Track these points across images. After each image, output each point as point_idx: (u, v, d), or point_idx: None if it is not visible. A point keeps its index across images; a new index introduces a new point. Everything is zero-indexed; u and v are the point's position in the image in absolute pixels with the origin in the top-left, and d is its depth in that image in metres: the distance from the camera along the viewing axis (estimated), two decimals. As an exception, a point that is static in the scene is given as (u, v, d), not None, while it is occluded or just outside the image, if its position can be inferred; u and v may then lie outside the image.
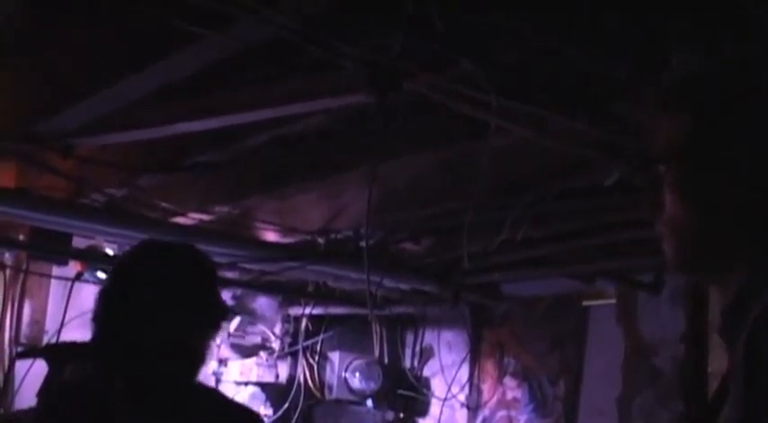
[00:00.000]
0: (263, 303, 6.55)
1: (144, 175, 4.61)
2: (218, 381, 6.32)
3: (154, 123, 3.77)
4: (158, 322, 2.47)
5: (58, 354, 2.44)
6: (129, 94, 3.49)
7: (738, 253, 1.43)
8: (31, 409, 2.47)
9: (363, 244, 4.49)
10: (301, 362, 6.61)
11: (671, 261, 1.51)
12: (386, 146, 3.58)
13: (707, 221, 1.44)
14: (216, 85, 3.48)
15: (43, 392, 2.38)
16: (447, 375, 6.41)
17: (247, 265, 5.24)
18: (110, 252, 5.33)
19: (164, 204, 5.01)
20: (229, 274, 5.43)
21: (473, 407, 6.35)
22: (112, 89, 3.44)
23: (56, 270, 5.77)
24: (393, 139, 3.61)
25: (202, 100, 3.58)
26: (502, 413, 6.15)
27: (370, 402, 6.57)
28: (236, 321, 6.37)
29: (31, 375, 4.39)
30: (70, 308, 5.20)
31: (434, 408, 6.60)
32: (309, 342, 6.65)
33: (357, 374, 6.48)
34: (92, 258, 5.34)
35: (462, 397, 6.39)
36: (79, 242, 5.26)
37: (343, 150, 4.03)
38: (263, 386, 6.36)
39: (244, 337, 6.50)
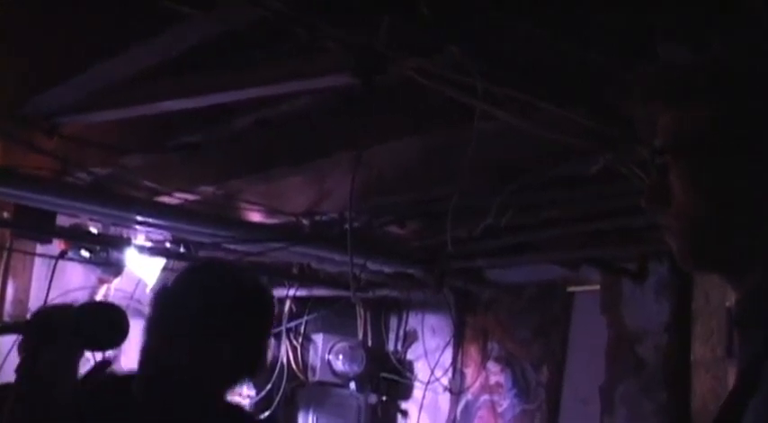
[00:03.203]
0: (247, 284, 6.53)
1: (129, 154, 4.59)
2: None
3: (139, 102, 3.75)
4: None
5: (38, 330, 2.41)
6: (113, 73, 3.47)
7: (753, 248, 1.41)
8: (9, 385, 2.46)
9: (348, 227, 4.48)
10: (285, 343, 6.60)
11: (680, 255, 1.47)
12: (372, 130, 3.57)
13: (722, 215, 1.41)
14: (201, 66, 3.46)
15: (21, 369, 2.36)
16: (430, 359, 6.41)
17: (232, 246, 5.21)
18: (94, 231, 5.31)
19: (148, 184, 4.98)
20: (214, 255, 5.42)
21: (456, 391, 6.35)
22: (97, 68, 3.43)
23: (39, 248, 5.75)
24: (379, 123, 3.60)
25: (188, 79, 3.56)
26: (485, 398, 6.16)
27: (353, 385, 6.57)
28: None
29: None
30: (54, 287, 5.18)
31: (417, 391, 6.61)
32: (293, 324, 6.64)
33: (340, 357, 6.48)
34: (76, 237, 5.32)
35: (445, 381, 6.40)
36: (63, 221, 5.24)
37: (329, 134, 4.02)
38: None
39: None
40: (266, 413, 6.37)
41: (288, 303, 6.59)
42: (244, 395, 6.30)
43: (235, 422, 2.61)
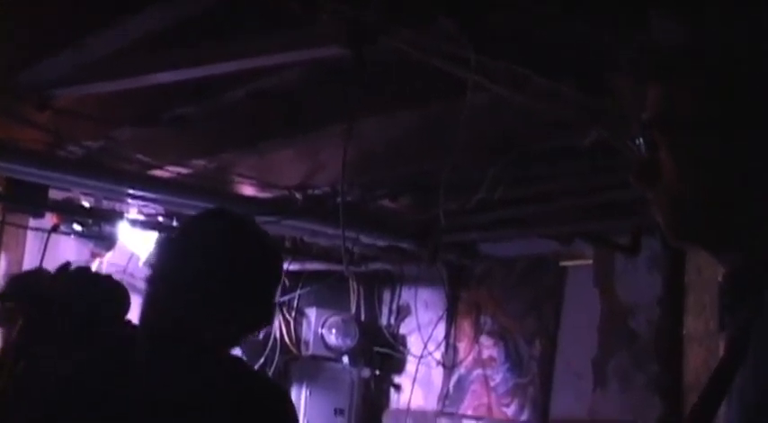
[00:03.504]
0: (240, 259, 6.53)
1: (121, 127, 4.58)
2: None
3: (130, 74, 3.74)
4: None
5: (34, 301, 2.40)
6: (105, 46, 3.46)
7: (740, 226, 1.40)
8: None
9: (340, 200, 4.47)
10: (278, 317, 6.60)
11: (667, 230, 1.47)
12: (364, 103, 3.56)
13: (710, 192, 1.39)
14: (193, 38, 3.45)
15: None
16: (423, 333, 6.42)
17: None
18: (86, 204, 5.31)
19: (141, 157, 4.98)
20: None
21: (449, 365, 6.37)
22: (88, 41, 3.41)
23: (32, 222, 5.74)
24: (372, 96, 3.58)
25: (179, 51, 3.55)
26: (477, 371, 6.17)
27: (346, 359, 6.59)
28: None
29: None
30: (46, 260, 5.17)
31: (410, 365, 6.62)
32: (286, 298, 6.64)
33: (333, 331, 6.49)
34: (68, 210, 5.32)
35: (438, 355, 6.41)
36: (56, 195, 5.23)
37: (321, 107, 4.01)
38: (239, 341, 6.34)
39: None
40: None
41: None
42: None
43: (241, 377, 2.56)
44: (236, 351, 4.80)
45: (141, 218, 5.52)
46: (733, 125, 1.39)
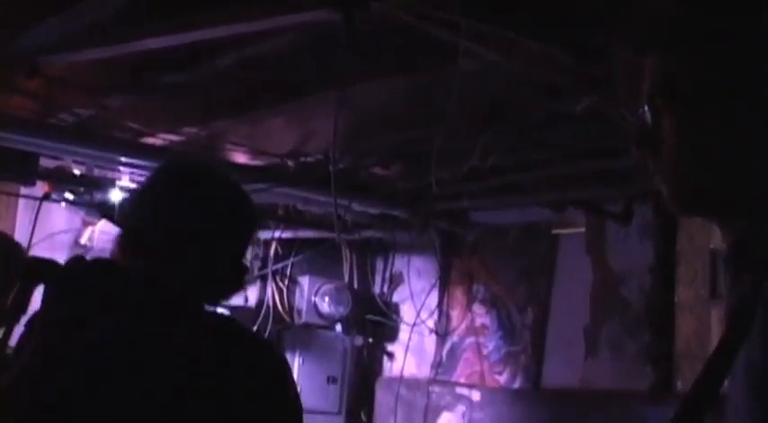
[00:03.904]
0: (232, 227, 6.52)
1: (112, 94, 4.55)
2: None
3: (120, 41, 3.72)
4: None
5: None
6: (94, 12, 3.43)
7: (743, 194, 1.40)
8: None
9: (331, 168, 4.46)
10: (270, 286, 6.60)
11: (670, 200, 1.46)
12: (355, 69, 3.55)
13: (714, 162, 1.39)
14: (183, 3, 3.43)
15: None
16: (416, 302, 6.43)
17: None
18: (77, 173, 5.29)
19: (133, 125, 4.96)
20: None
21: (442, 333, 6.38)
22: (78, 7, 3.39)
23: (23, 191, 5.72)
24: (363, 63, 3.57)
25: (169, 17, 3.52)
26: (470, 340, 6.18)
27: (339, 327, 6.60)
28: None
29: None
30: (38, 229, 5.16)
31: (403, 333, 6.63)
32: (279, 266, 6.64)
33: (326, 299, 6.49)
34: (60, 179, 5.30)
35: (431, 323, 6.42)
36: (47, 163, 5.22)
37: (312, 74, 4.00)
38: (232, 309, 6.33)
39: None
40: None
41: (274, 245, 6.59)
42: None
43: (225, 333, 2.51)
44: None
45: (133, 186, 5.50)
46: (734, 95, 1.38)
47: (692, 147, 1.40)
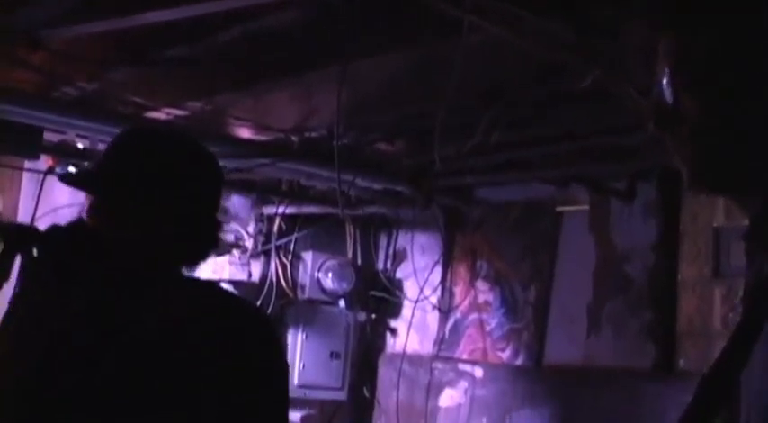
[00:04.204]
0: (236, 202, 6.52)
1: (115, 68, 4.55)
2: (190, 278, 6.30)
3: (123, 13, 3.71)
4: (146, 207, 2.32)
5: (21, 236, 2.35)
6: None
7: (761, 168, 1.39)
8: None
9: (335, 143, 4.46)
10: (274, 261, 6.60)
11: (692, 178, 1.45)
12: (359, 44, 3.53)
13: (738, 140, 1.39)
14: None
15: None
16: (419, 278, 6.43)
17: (221, 163, 5.18)
18: (81, 147, 5.28)
19: (136, 99, 4.95)
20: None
21: (445, 309, 6.38)
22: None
23: (27, 165, 5.72)
24: (367, 37, 3.56)
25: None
26: (473, 316, 6.19)
27: (342, 303, 6.59)
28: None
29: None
30: (42, 204, 5.16)
31: (406, 310, 6.64)
32: (282, 241, 6.63)
33: (330, 275, 6.49)
34: (63, 153, 5.29)
35: (434, 299, 6.42)
36: (50, 137, 5.21)
37: (316, 48, 3.99)
38: (235, 284, 6.35)
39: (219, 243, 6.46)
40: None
41: (277, 221, 6.59)
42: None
43: (204, 297, 2.43)
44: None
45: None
46: (751, 72, 1.37)
47: (712, 123, 1.40)
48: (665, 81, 1.44)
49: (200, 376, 2.29)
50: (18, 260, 2.31)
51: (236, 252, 6.52)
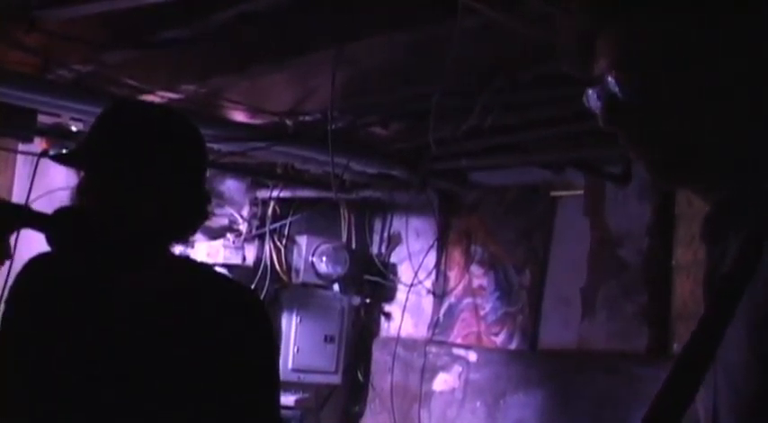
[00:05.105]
0: (231, 186, 6.52)
1: (110, 50, 4.53)
2: (184, 262, 6.30)
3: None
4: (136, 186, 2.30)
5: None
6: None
7: (722, 163, 1.39)
8: None
9: (329, 127, 4.45)
10: (268, 245, 6.60)
11: (652, 172, 1.45)
12: (354, 26, 3.53)
13: (693, 132, 1.38)
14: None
15: None
16: (414, 262, 6.44)
17: (215, 146, 5.18)
18: (75, 129, 5.27)
19: (131, 82, 4.94)
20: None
21: (439, 293, 6.38)
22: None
23: (21, 147, 5.70)
24: (362, 19, 3.55)
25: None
26: (468, 300, 6.19)
27: (336, 287, 6.61)
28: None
29: None
30: (36, 186, 5.13)
31: (401, 294, 6.64)
32: (277, 225, 6.64)
33: (324, 258, 6.49)
34: (57, 135, 5.28)
35: (429, 284, 6.43)
36: (44, 120, 5.19)
37: (311, 30, 3.97)
38: (229, 268, 6.35)
39: (211, 219, 6.47)
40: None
41: (272, 205, 6.59)
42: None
43: (194, 274, 2.47)
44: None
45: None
46: (707, 60, 1.37)
47: (668, 117, 1.39)
48: (611, 75, 1.42)
49: (191, 358, 2.30)
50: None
51: (230, 236, 6.52)
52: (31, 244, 2.39)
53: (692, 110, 1.37)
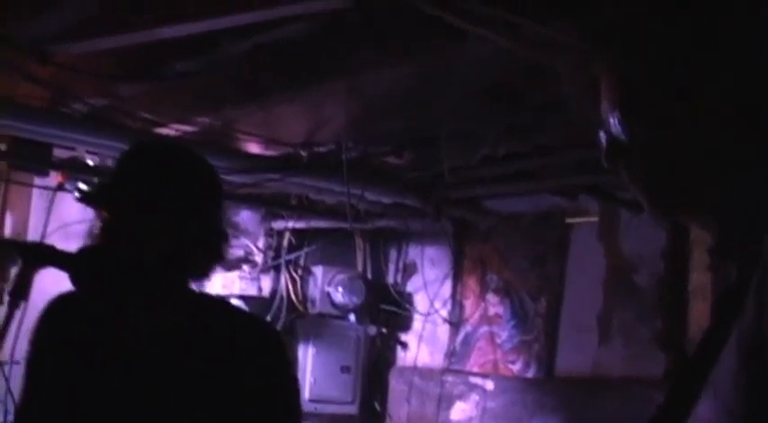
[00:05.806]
0: (245, 217, 6.54)
1: (124, 83, 4.56)
2: (200, 293, 6.31)
3: (133, 29, 3.72)
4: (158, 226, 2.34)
5: (35, 254, 2.38)
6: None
7: (710, 186, 1.41)
8: None
9: (344, 157, 4.47)
10: (284, 275, 6.61)
11: (649, 206, 1.47)
12: (366, 57, 3.54)
13: (692, 166, 1.40)
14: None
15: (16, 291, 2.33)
16: (430, 291, 6.44)
17: (229, 177, 5.20)
18: (90, 163, 5.30)
19: (145, 115, 4.96)
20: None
21: (455, 322, 6.38)
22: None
23: (37, 181, 5.73)
24: (373, 49, 3.57)
25: (181, 5, 3.53)
26: (483, 329, 6.19)
27: (352, 317, 6.60)
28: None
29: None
30: (52, 220, 5.17)
31: (417, 323, 6.65)
32: (292, 256, 6.65)
33: (340, 289, 6.50)
34: (73, 169, 5.31)
35: (445, 312, 6.43)
36: (60, 154, 5.23)
37: (323, 62, 3.99)
38: (245, 299, 6.36)
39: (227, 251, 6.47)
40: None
41: (287, 235, 6.60)
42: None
43: (212, 310, 2.48)
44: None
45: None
46: (698, 96, 1.38)
47: (665, 151, 1.41)
48: (613, 116, 1.45)
49: (211, 390, 2.31)
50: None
51: (245, 267, 6.53)
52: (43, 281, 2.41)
53: (688, 149, 1.39)
